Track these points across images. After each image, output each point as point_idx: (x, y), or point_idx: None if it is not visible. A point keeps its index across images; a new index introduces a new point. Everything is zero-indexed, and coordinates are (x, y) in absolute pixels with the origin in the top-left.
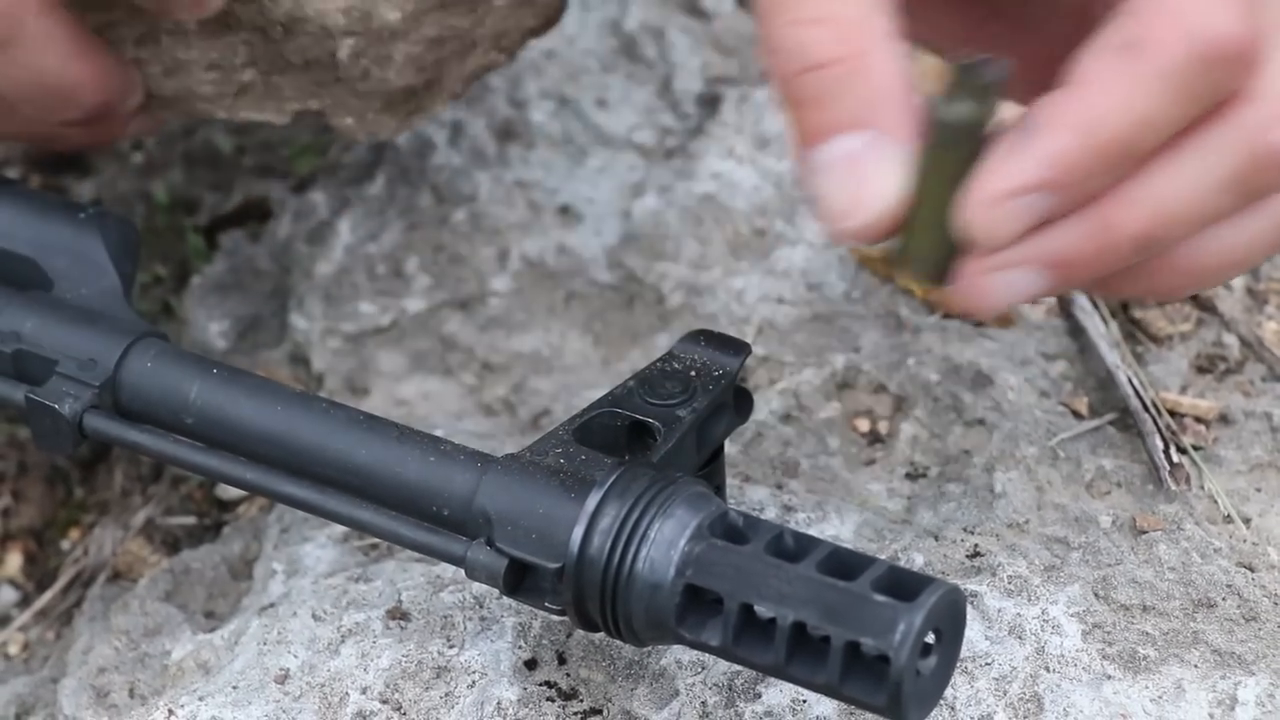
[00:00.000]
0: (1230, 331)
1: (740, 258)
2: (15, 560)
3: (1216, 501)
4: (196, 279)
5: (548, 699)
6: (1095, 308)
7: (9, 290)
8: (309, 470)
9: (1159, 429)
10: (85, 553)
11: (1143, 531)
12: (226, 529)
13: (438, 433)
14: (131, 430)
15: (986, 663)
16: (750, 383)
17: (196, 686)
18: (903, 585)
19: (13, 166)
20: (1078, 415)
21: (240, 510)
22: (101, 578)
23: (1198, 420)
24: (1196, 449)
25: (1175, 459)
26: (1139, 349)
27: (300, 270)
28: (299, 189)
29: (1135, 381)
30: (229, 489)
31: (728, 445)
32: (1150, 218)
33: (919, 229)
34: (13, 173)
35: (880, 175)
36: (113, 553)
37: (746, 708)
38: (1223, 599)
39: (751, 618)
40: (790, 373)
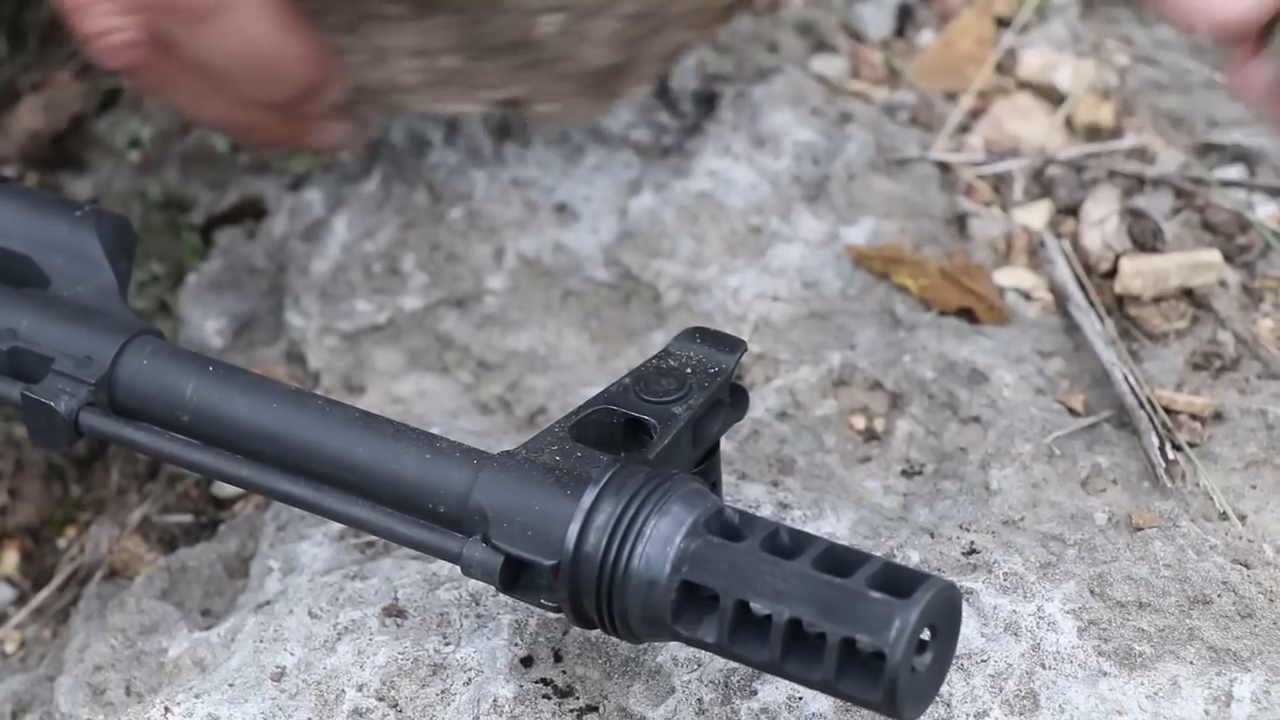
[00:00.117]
0: (1225, 329)
1: (736, 255)
2: (12, 558)
3: (1212, 498)
4: (192, 277)
5: (544, 696)
6: (1091, 305)
7: (5, 288)
8: (305, 468)
9: (1154, 426)
10: (81, 550)
11: (1138, 528)
12: (223, 527)
13: (434, 430)
14: (127, 428)
15: (982, 659)
16: (746, 380)
17: (193, 684)
18: (898, 582)
19: (9, 165)
20: (1073, 412)
21: (236, 508)
22: (98, 575)
23: (1193, 417)
24: (1192, 446)
25: (1171, 456)
26: (1134, 346)
27: (296, 268)
28: (294, 187)
29: (1131, 379)
30: (225, 487)
31: (724, 442)
32: None
33: None
34: (9, 171)
35: None
36: (109, 550)
37: (742, 705)
38: (1218, 596)
39: (747, 614)
40: (786, 370)
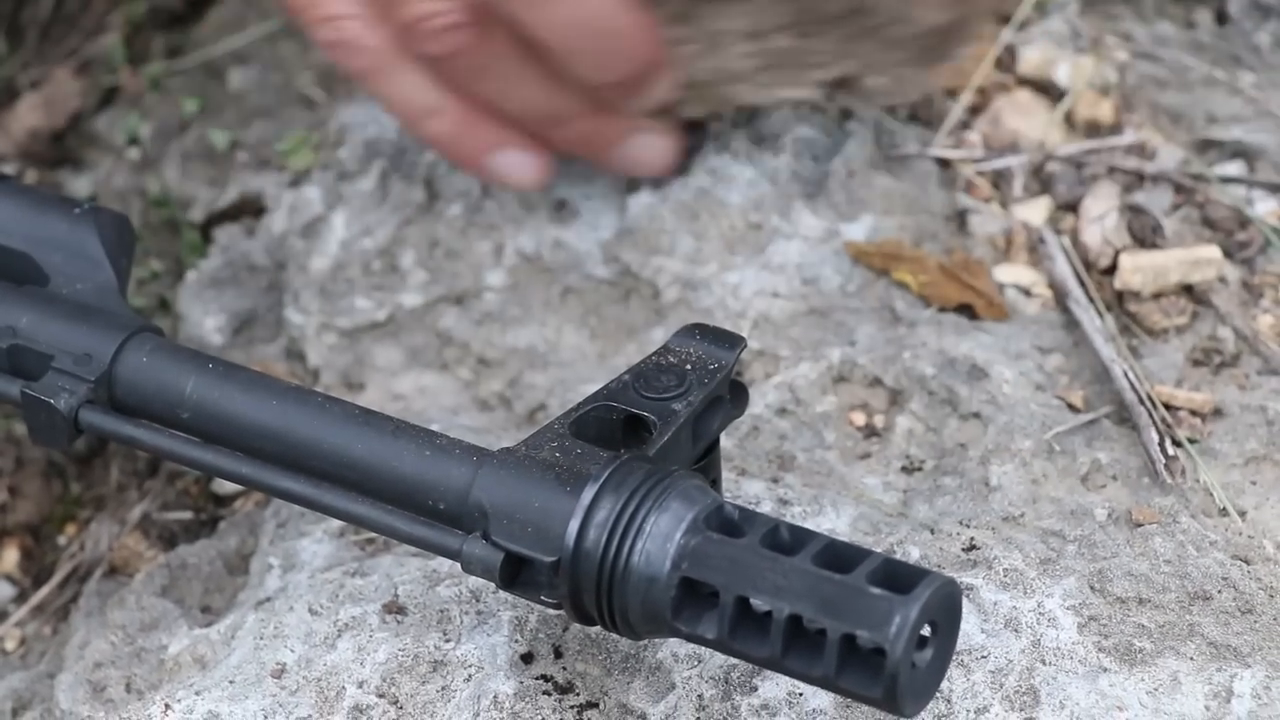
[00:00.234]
0: (1225, 325)
1: (736, 252)
2: (12, 556)
3: (1212, 494)
4: (192, 274)
5: (544, 693)
6: (1090, 301)
7: (4, 286)
8: (305, 465)
9: (1154, 422)
10: (82, 548)
11: (1138, 524)
12: (223, 524)
13: (434, 427)
14: (127, 425)
15: (982, 656)
16: (746, 377)
17: (193, 681)
18: (899, 578)
19: (8, 162)
20: (1073, 408)
21: (236, 505)
22: (98, 573)
23: (1193, 413)
24: (1192, 442)
25: (1171, 452)
26: (1134, 342)
27: (295, 265)
28: (294, 184)
29: (1130, 375)
30: (225, 484)
31: (723, 439)
32: None
33: None
34: (8, 168)
35: None
36: (109, 548)
37: (743, 701)
38: (1218, 592)
39: (747, 611)
40: (786, 366)
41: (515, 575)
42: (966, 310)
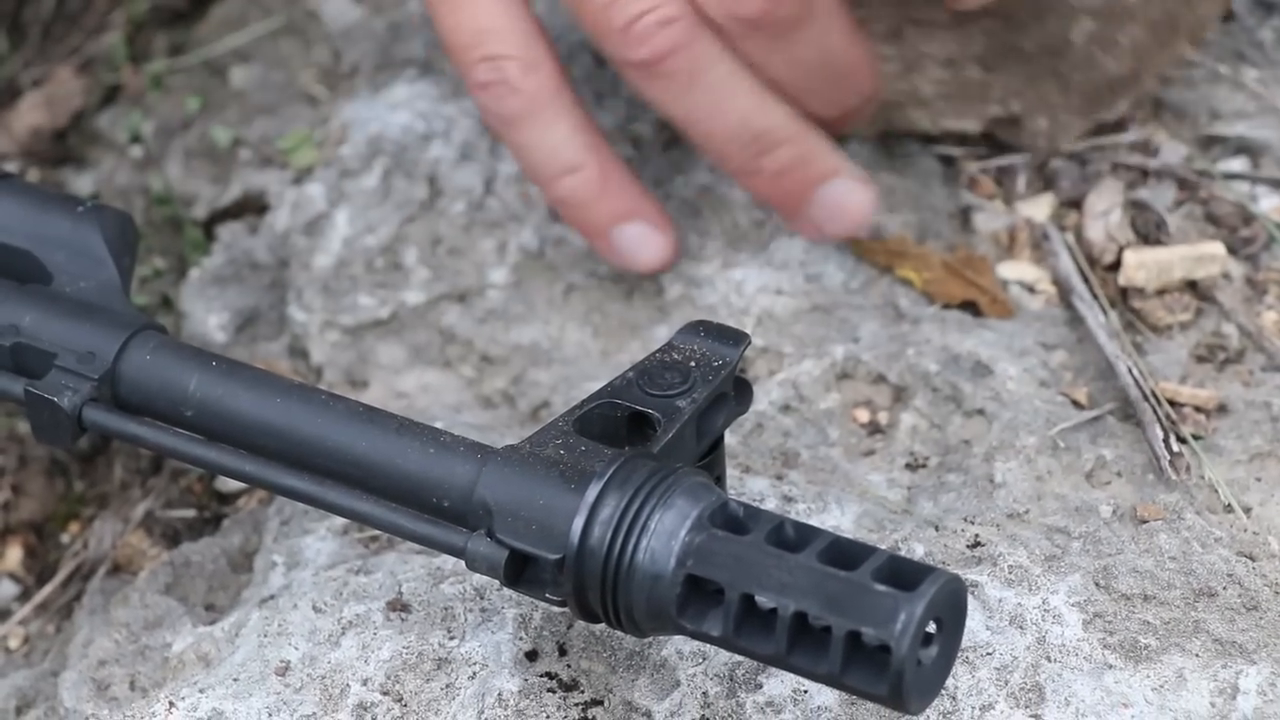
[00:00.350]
0: (1229, 321)
1: (739, 249)
2: (15, 554)
3: (1217, 491)
4: (195, 272)
5: (549, 690)
6: (1094, 298)
7: (8, 284)
8: (309, 462)
9: (1159, 418)
10: (85, 546)
11: (1143, 521)
12: (226, 522)
13: (437, 425)
14: (131, 423)
15: (988, 653)
16: (749, 374)
17: (197, 679)
18: (904, 575)
19: (11, 161)
20: (1077, 405)
21: (240, 503)
22: (101, 571)
23: (1197, 410)
24: (1196, 438)
25: (1175, 448)
26: (1138, 339)
27: (298, 263)
28: (296, 182)
29: (1135, 371)
30: (229, 482)
31: (727, 436)
32: None
33: None
34: (11, 166)
35: None
36: (113, 546)
37: (748, 698)
38: (1223, 588)
39: (752, 608)
40: (789, 363)
41: (520, 573)
42: (970, 307)
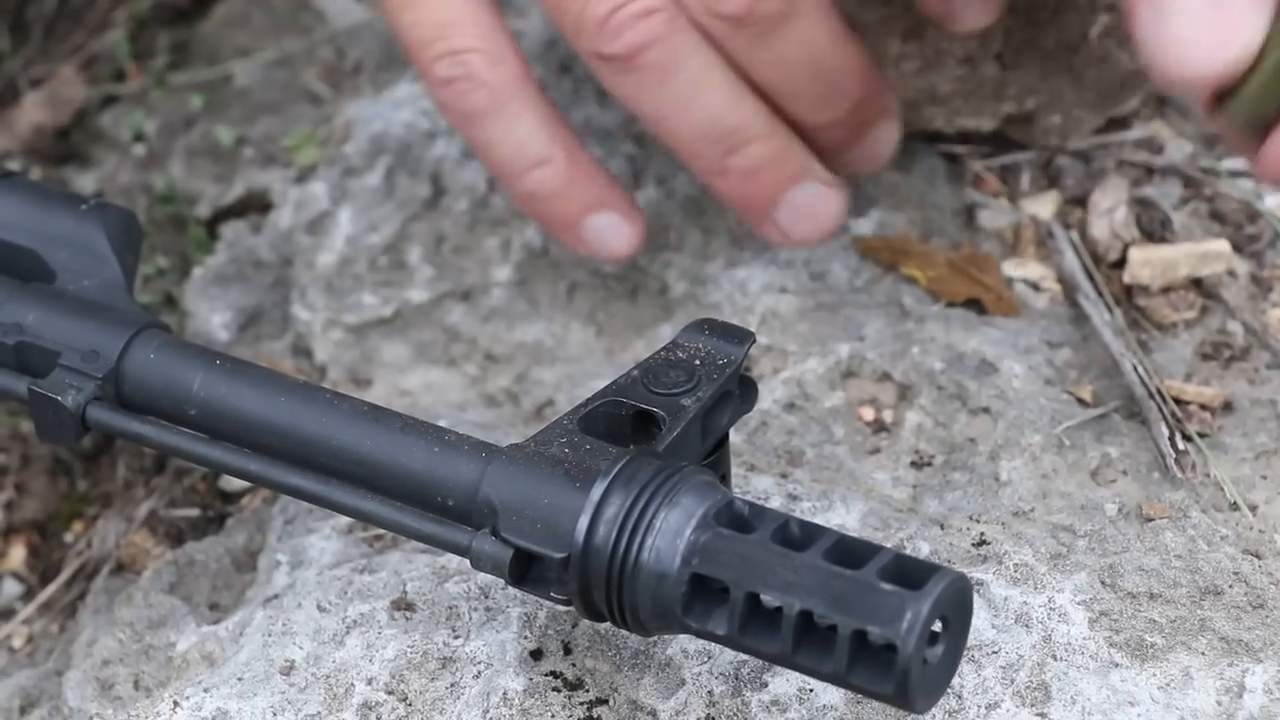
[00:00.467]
0: (1234, 319)
1: (743, 247)
2: (19, 553)
3: (1222, 489)
4: (198, 270)
5: (553, 689)
6: (1099, 296)
7: (11, 282)
8: (313, 461)
9: (1164, 416)
10: (89, 545)
11: (1149, 519)
12: (230, 521)
13: (441, 423)
14: (134, 422)
15: (993, 651)
16: (754, 372)
17: (201, 678)
18: (909, 573)
19: (13, 159)
20: (1082, 403)
21: (244, 502)
22: (105, 570)
23: (1203, 407)
24: (1202, 436)
25: (1181, 446)
26: (1143, 336)
27: (302, 261)
28: (299, 180)
29: (1140, 369)
30: (233, 480)
31: (732, 434)
32: None
33: (1259, 77)
34: (14, 165)
35: (1246, 14)
36: (116, 545)
37: (753, 697)
38: (1229, 586)
39: (758, 607)
40: (794, 362)
41: (525, 571)
42: (975, 305)
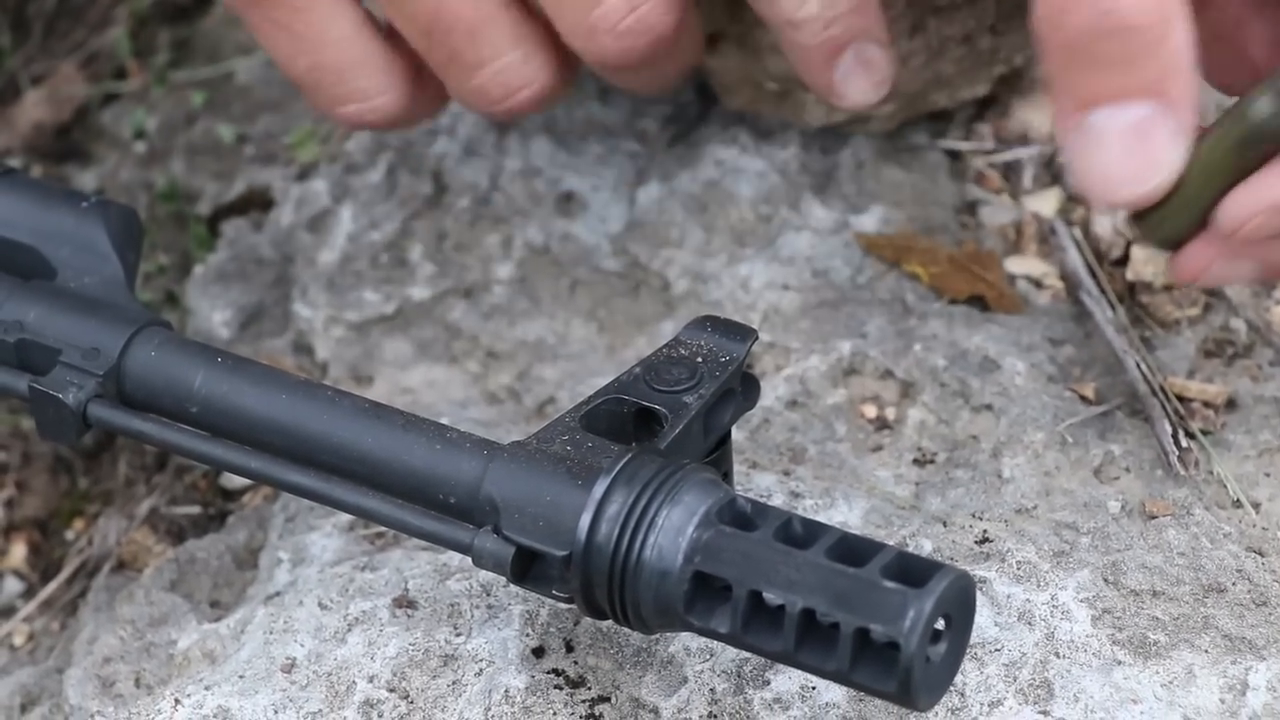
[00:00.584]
0: (1238, 316)
1: (745, 244)
2: (20, 551)
3: (1226, 486)
4: (199, 268)
5: (555, 687)
6: (1102, 293)
7: (12, 280)
8: (315, 459)
9: (1167, 414)
10: (90, 543)
11: (1152, 516)
12: (231, 518)
13: (443, 421)
14: (136, 419)
15: (996, 649)
16: (756, 369)
17: (203, 676)
18: (912, 571)
19: (14, 157)
20: (1085, 400)
21: (245, 499)
22: (106, 568)
23: (1206, 405)
24: (1205, 434)
25: (1184, 444)
26: (1146, 334)
27: (303, 258)
28: (301, 177)
29: (1143, 366)
30: (234, 478)
31: (734, 432)
32: None
33: (1176, 202)
34: (15, 162)
35: (1166, 149)
36: (117, 543)
37: (755, 695)
38: (1233, 584)
39: (760, 605)
40: (796, 359)
41: (527, 569)
42: (978, 302)
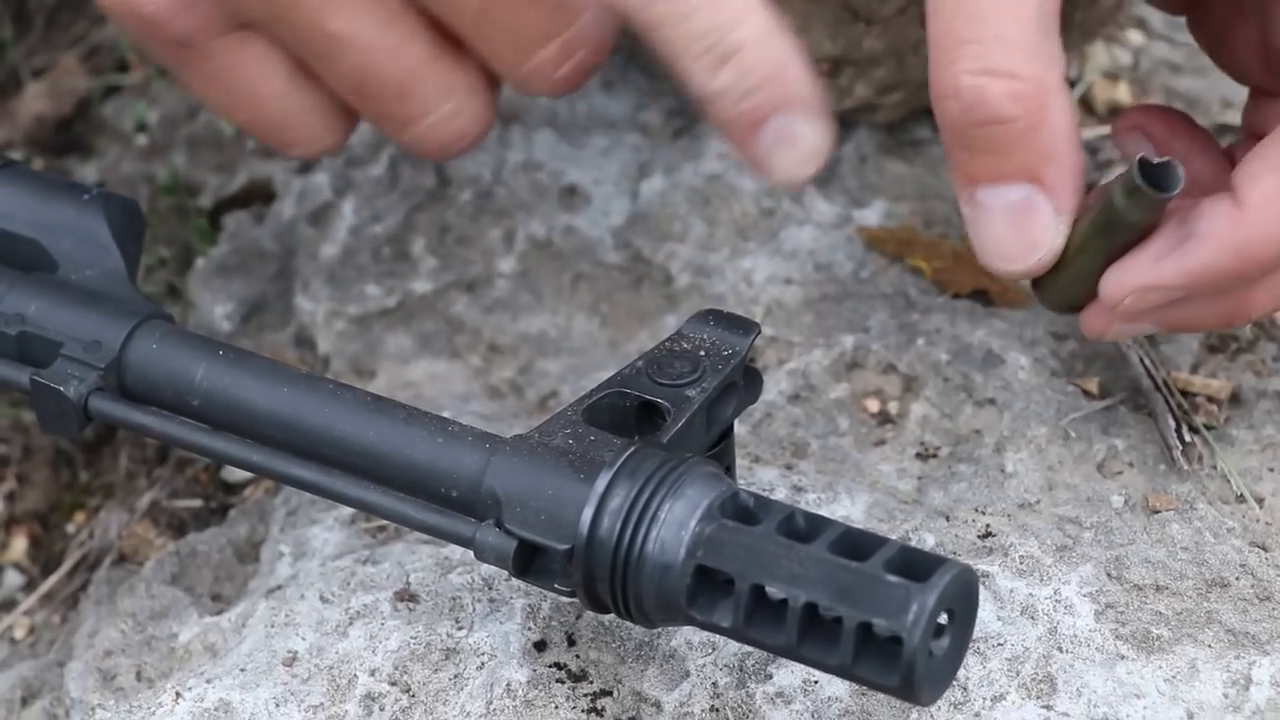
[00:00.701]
0: None
1: (748, 238)
2: (20, 544)
3: (1229, 481)
4: (201, 261)
5: (557, 680)
6: None
7: (13, 272)
8: (316, 452)
9: (1171, 408)
10: (91, 536)
11: (1155, 511)
12: (233, 512)
13: (444, 415)
14: (137, 412)
15: (999, 643)
16: (759, 363)
17: (204, 669)
18: (915, 565)
19: (15, 150)
20: (1088, 395)
21: (246, 493)
22: (107, 561)
23: (1209, 399)
24: (1208, 428)
25: (1187, 438)
26: None
27: (305, 252)
28: (302, 170)
29: (1146, 361)
30: (235, 471)
31: (737, 425)
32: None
33: (1063, 273)
34: (16, 155)
35: (1044, 228)
36: (118, 536)
37: (758, 689)
38: (1236, 579)
39: (763, 599)
40: (799, 353)
41: (529, 563)
42: (981, 296)
